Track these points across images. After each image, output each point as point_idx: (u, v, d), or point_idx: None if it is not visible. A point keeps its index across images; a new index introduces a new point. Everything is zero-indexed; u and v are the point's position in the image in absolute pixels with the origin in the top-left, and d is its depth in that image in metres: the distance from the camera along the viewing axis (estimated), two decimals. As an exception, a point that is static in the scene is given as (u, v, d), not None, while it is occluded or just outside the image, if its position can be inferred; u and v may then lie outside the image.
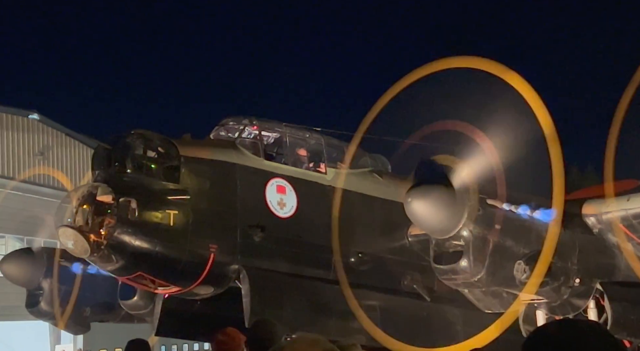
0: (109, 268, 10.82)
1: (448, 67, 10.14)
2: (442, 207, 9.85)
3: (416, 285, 12.54)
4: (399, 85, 10.65)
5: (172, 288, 11.34)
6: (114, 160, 10.72)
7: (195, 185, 10.94)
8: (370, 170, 13.10)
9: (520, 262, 9.95)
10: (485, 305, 10.99)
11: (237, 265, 11.21)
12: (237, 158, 11.49)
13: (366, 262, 12.24)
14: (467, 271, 10.05)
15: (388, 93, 10.80)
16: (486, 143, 9.90)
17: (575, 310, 10.50)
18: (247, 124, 12.10)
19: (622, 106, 9.42)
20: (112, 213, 10.31)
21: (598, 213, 10.56)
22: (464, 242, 10.01)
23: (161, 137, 11.12)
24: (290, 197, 11.77)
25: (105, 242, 10.28)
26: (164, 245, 10.59)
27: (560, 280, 10.10)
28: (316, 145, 12.67)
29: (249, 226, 11.24)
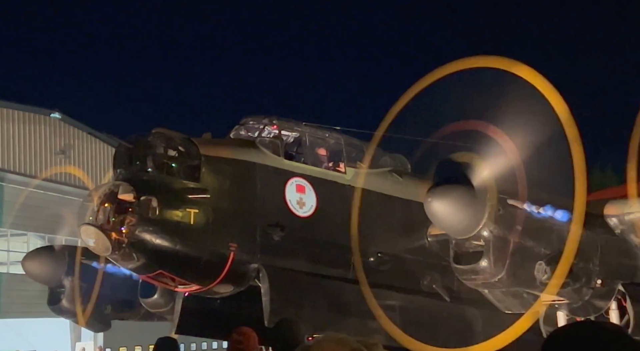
0: (129, 266, 10.89)
1: (469, 67, 10.10)
2: (463, 207, 9.81)
3: (436, 285, 12.50)
4: (419, 85, 10.61)
5: (192, 287, 11.38)
6: (135, 158, 10.78)
7: (216, 184, 10.97)
8: (389, 169, 13.07)
9: (541, 263, 9.89)
10: (505, 305, 10.93)
11: (257, 263, 11.23)
12: (257, 157, 11.52)
13: (385, 261, 12.22)
14: (487, 272, 10.00)
15: (408, 92, 10.77)
16: (507, 142, 9.84)
17: (597, 311, 10.41)
18: (267, 123, 12.12)
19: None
20: (133, 212, 10.37)
21: (620, 213, 10.47)
22: (484, 242, 9.96)
23: (182, 136, 11.16)
24: (310, 197, 11.78)
25: (126, 240, 10.34)
26: (184, 243, 10.64)
27: (582, 281, 10.02)
28: (336, 144, 12.67)
29: (268, 225, 11.26)
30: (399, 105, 10.80)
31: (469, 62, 10.03)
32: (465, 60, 10.05)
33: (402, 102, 10.77)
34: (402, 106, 10.80)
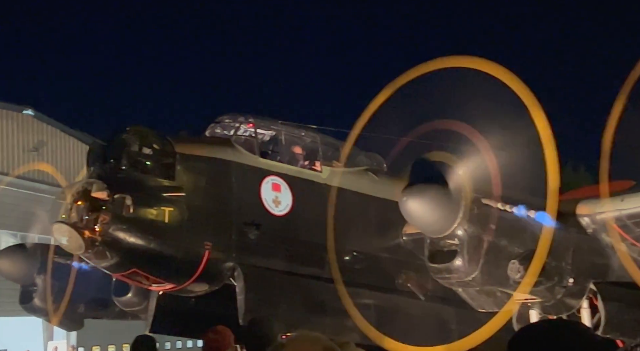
0: (103, 264, 10.80)
1: (444, 67, 10.16)
2: (437, 206, 9.87)
3: (410, 283, 12.57)
4: (395, 84, 10.66)
5: (167, 285, 11.34)
6: (109, 156, 10.70)
7: (191, 183, 10.94)
8: (365, 168, 13.10)
9: (515, 262, 9.97)
10: (479, 304, 11.01)
11: (232, 262, 11.21)
12: (233, 155, 11.49)
13: (361, 260, 12.26)
14: (461, 271, 10.07)
15: (384, 91, 10.81)
16: (482, 142, 9.92)
17: (569, 309, 10.53)
18: (243, 122, 12.10)
19: (617, 106, 9.45)
20: (107, 210, 10.29)
21: (592, 213, 10.58)
22: (459, 241, 10.03)
23: (157, 134, 11.11)
24: (286, 195, 11.77)
25: (99, 238, 10.27)
26: (158, 241, 10.60)
27: (554, 279, 10.13)
28: (312, 143, 12.68)
29: (244, 223, 11.25)
30: (375, 104, 10.83)
31: (444, 61, 10.09)
32: (441, 60, 10.10)
33: (378, 101, 10.80)
34: (378, 105, 10.84)
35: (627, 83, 9.42)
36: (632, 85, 9.37)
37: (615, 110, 9.50)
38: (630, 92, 9.41)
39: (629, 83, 9.39)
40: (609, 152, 9.67)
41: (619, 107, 9.48)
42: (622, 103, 9.45)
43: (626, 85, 9.43)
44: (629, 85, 9.40)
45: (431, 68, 10.20)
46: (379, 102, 10.82)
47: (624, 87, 9.44)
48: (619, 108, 9.48)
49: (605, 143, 9.64)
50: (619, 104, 9.46)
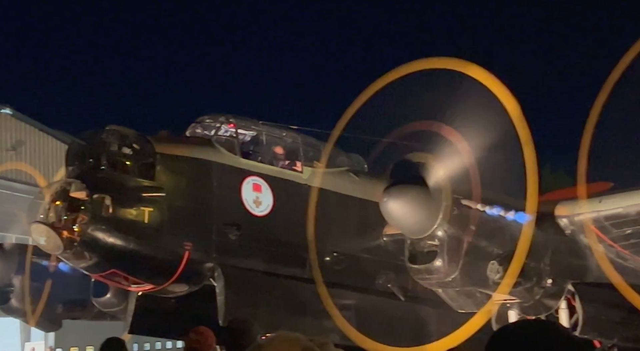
0: (81, 265, 10.73)
1: (424, 68, 10.21)
2: (418, 207, 9.91)
3: (391, 284, 12.59)
4: (376, 85, 10.69)
5: (146, 286, 11.28)
6: (88, 156, 10.63)
7: (171, 183, 10.89)
8: (346, 169, 13.11)
9: (494, 262, 10.04)
10: (458, 304, 11.07)
11: (212, 263, 11.18)
12: (213, 155, 11.45)
13: (341, 261, 12.26)
14: (441, 271, 10.12)
15: (365, 93, 10.84)
16: (462, 144, 9.98)
17: (547, 310, 10.62)
18: (224, 122, 12.06)
19: (595, 108, 9.55)
20: (85, 210, 10.22)
21: (570, 214, 10.68)
22: (439, 242, 10.08)
23: (137, 134, 11.04)
24: (266, 196, 11.75)
25: (78, 238, 10.19)
26: (138, 242, 10.54)
27: (533, 280, 10.21)
28: (293, 143, 12.67)
29: (224, 224, 11.21)
30: (355, 105, 10.86)
31: (424, 63, 10.14)
32: (421, 61, 10.15)
33: (358, 102, 10.83)
34: (359, 106, 10.86)
35: (606, 86, 9.52)
36: (610, 88, 9.47)
37: (593, 112, 9.60)
38: (609, 94, 9.51)
39: (607, 86, 9.49)
40: (587, 154, 9.76)
41: (597, 110, 9.58)
42: (600, 105, 9.55)
43: (604, 87, 9.53)
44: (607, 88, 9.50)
45: (411, 69, 10.25)
46: (360, 103, 10.85)
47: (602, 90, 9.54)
48: (597, 110, 9.58)
49: (584, 145, 9.73)
50: (597, 107, 9.56)
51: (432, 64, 10.18)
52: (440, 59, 10.13)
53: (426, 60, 10.25)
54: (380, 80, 10.66)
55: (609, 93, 9.50)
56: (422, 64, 10.23)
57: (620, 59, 9.46)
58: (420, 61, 10.28)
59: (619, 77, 9.42)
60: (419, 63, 10.27)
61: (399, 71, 10.42)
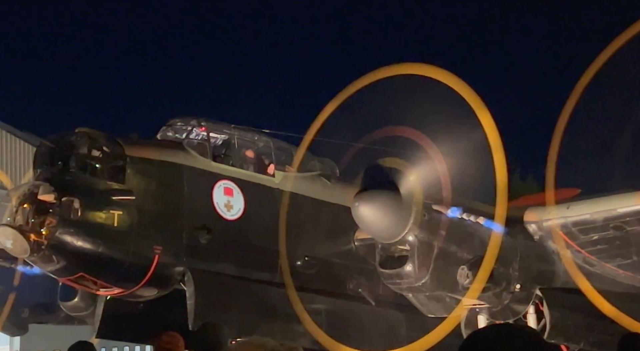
0: (49, 268, 10.60)
1: (396, 74, 10.28)
2: (389, 211, 9.96)
3: (362, 289, 12.61)
4: (348, 90, 10.73)
5: (115, 290, 11.17)
6: (57, 158, 10.52)
7: (141, 186, 10.82)
8: (318, 173, 13.12)
9: (464, 267, 10.12)
10: (428, 309, 11.13)
11: (182, 267, 11.12)
12: (184, 159, 11.40)
13: (312, 265, 12.26)
14: (411, 276, 10.18)
15: (337, 97, 10.88)
16: (433, 149, 10.05)
17: (515, 315, 10.73)
18: (195, 125, 12.02)
19: (564, 115, 9.69)
20: (53, 213, 10.12)
21: (539, 220, 10.80)
22: (410, 247, 10.13)
23: (107, 136, 10.96)
24: (238, 200, 11.72)
25: (46, 242, 10.08)
26: (107, 245, 10.45)
27: (502, 285, 10.31)
28: (265, 147, 12.65)
29: (195, 228, 11.16)
30: (328, 109, 10.89)
31: (396, 69, 10.20)
32: (393, 67, 10.22)
33: (331, 106, 10.86)
34: (331, 111, 10.90)
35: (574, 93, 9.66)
36: (578, 95, 9.61)
37: (561, 119, 9.73)
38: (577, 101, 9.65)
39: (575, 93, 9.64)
40: (556, 160, 9.90)
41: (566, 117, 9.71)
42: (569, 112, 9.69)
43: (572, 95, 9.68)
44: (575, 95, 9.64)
45: (383, 75, 10.31)
46: (332, 108, 10.88)
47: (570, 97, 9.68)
48: (565, 117, 9.72)
49: (552, 152, 9.86)
50: (566, 113, 9.70)
51: (404, 70, 10.25)
52: (413, 65, 10.20)
53: (399, 66, 10.33)
54: (353, 86, 10.71)
55: (577, 100, 9.65)
56: (394, 69, 10.30)
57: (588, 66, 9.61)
58: (393, 67, 10.35)
59: (586, 84, 9.57)
60: (392, 69, 10.34)
61: (372, 76, 10.48)
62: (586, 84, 9.59)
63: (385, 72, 10.31)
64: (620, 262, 10.54)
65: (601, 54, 9.52)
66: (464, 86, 9.69)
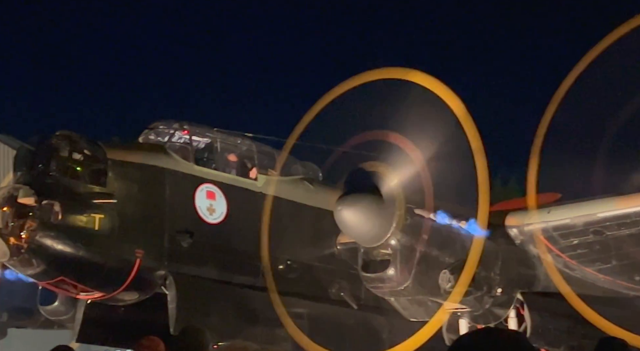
0: (29, 272, 10.53)
1: (379, 78, 10.31)
2: (371, 215, 9.97)
3: (344, 293, 12.61)
4: (331, 95, 10.76)
5: (95, 294, 11.10)
6: (37, 161, 10.46)
7: (123, 189, 10.77)
8: (301, 177, 13.12)
9: (446, 271, 10.16)
10: (410, 313, 11.16)
11: (164, 270, 11.08)
12: (167, 162, 11.36)
13: (295, 269, 12.25)
14: (394, 280, 10.19)
15: (320, 101, 10.89)
16: (415, 153, 10.09)
17: (497, 319, 10.77)
18: (178, 128, 11.99)
19: (544, 120, 9.77)
20: (33, 216, 10.05)
21: (520, 224, 10.87)
22: (392, 251, 10.15)
23: (88, 139, 10.91)
24: (220, 203, 11.69)
25: (25, 245, 10.01)
26: (87, 249, 10.40)
27: (483, 289, 10.36)
28: (247, 151, 12.63)
29: (177, 231, 11.12)
30: (310, 113, 10.90)
31: (378, 73, 10.24)
32: (375, 72, 10.26)
33: (313, 110, 10.88)
34: (314, 115, 10.91)
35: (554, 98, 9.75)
36: (559, 100, 9.70)
37: (542, 124, 9.82)
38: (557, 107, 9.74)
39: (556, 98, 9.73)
40: (537, 165, 9.97)
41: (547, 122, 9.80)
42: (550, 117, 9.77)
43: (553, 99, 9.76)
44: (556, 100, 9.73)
45: (366, 79, 10.34)
46: (315, 112, 10.90)
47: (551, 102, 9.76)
48: (546, 122, 9.80)
49: (533, 157, 9.94)
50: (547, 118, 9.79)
51: (386, 75, 10.28)
52: (395, 70, 10.24)
53: (381, 70, 10.36)
54: (335, 90, 10.74)
55: (557, 106, 9.73)
56: (376, 74, 10.34)
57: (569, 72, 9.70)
58: (375, 71, 10.38)
59: (567, 89, 9.67)
60: (374, 73, 10.37)
61: (354, 81, 10.51)
62: (567, 89, 9.68)
63: (368, 77, 10.35)
64: (600, 266, 10.63)
65: (581, 59, 9.63)
66: (446, 90, 9.75)
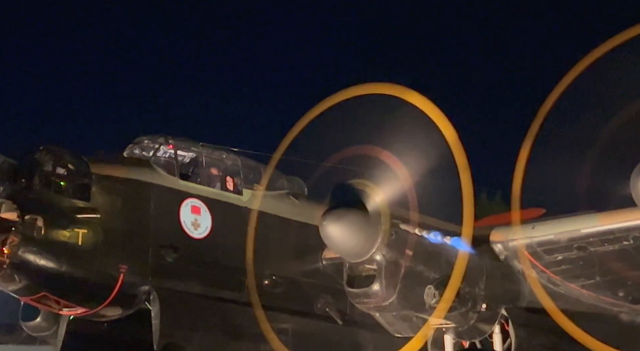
0: (11, 288, 10.46)
1: (365, 93, 10.34)
2: (356, 230, 9.96)
3: (329, 308, 12.59)
4: (317, 109, 10.78)
5: (78, 310, 11.04)
6: (20, 176, 10.43)
7: (107, 204, 10.73)
8: (286, 192, 13.13)
9: (431, 287, 10.15)
10: (395, 329, 11.13)
11: (148, 286, 11.03)
12: (151, 177, 11.33)
13: (280, 284, 12.23)
14: (379, 295, 10.17)
15: (305, 116, 10.91)
16: (400, 168, 10.11)
17: (481, 334, 10.76)
18: (163, 143, 11.99)
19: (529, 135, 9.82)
20: (16, 231, 10.01)
21: (505, 240, 10.89)
22: (377, 266, 10.14)
23: (72, 154, 10.88)
24: (205, 218, 11.66)
25: (7, 260, 9.96)
26: (70, 264, 10.34)
27: (468, 305, 10.35)
28: (233, 165, 12.63)
29: (161, 246, 11.09)
30: (296, 128, 10.91)
31: (364, 88, 10.28)
32: (361, 87, 10.29)
33: (299, 125, 10.89)
34: (300, 130, 10.92)
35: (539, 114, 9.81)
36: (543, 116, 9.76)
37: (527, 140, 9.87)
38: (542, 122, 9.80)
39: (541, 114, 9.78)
40: (521, 180, 10.01)
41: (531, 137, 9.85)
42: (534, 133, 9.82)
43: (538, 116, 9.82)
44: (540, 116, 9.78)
45: (352, 94, 10.37)
46: (301, 127, 10.91)
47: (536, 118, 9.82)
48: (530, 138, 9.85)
49: (518, 172, 9.97)
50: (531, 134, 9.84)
51: (371, 90, 10.32)
52: (380, 85, 10.28)
53: (366, 85, 10.39)
54: (321, 105, 10.75)
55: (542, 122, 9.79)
56: (361, 89, 10.37)
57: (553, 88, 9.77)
58: (360, 87, 10.41)
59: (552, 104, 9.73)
60: (359, 88, 10.40)
61: (339, 96, 10.53)
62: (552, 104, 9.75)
63: (353, 92, 10.38)
64: (584, 282, 10.66)
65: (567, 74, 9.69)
66: (431, 106, 9.79)
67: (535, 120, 9.72)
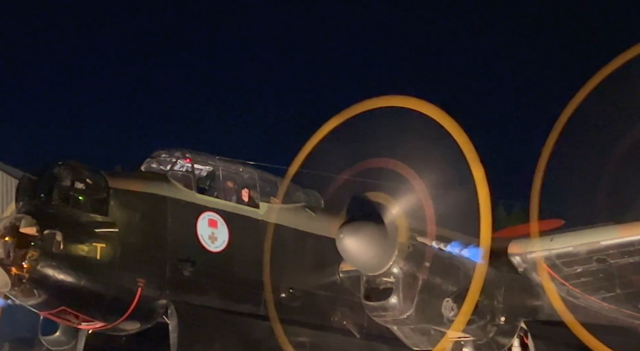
0: (30, 302, 10.52)
1: (381, 106, 10.34)
2: (373, 243, 9.94)
3: (346, 321, 12.56)
4: (333, 122, 10.79)
5: (97, 324, 11.08)
6: (39, 191, 10.51)
7: (125, 218, 10.78)
8: (303, 205, 13.14)
9: (449, 300, 10.09)
10: (413, 342, 11.06)
11: (166, 299, 11.06)
12: (169, 191, 11.39)
13: (297, 297, 12.21)
14: (396, 308, 10.13)
15: (322, 129, 10.92)
16: (417, 181, 10.09)
17: (500, 348, 10.67)
18: (180, 157, 12.04)
19: (547, 146, 9.77)
20: (35, 246, 10.07)
21: (523, 252, 10.81)
22: (394, 279, 10.10)
23: (90, 168, 10.96)
24: (222, 231, 11.69)
25: (27, 275, 10.02)
26: (89, 279, 10.39)
27: (487, 318, 10.27)
28: (249, 179, 12.67)
29: (178, 260, 11.12)
30: (312, 141, 10.93)
31: (380, 101, 10.28)
32: (377, 100, 10.29)
33: (315, 138, 10.90)
34: (316, 142, 10.94)
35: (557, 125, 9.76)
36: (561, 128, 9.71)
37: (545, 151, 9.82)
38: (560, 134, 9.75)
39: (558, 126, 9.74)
40: (539, 191, 9.95)
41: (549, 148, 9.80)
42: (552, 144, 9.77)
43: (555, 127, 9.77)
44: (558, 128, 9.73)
45: (369, 107, 10.38)
46: (317, 140, 10.92)
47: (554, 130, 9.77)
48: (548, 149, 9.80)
49: (536, 183, 9.91)
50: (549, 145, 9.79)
51: (388, 102, 10.32)
52: (397, 98, 10.28)
53: (383, 98, 10.40)
54: (337, 117, 10.76)
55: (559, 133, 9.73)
56: (378, 102, 10.37)
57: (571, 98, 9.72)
58: (377, 99, 10.42)
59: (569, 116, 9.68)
60: (376, 101, 10.41)
61: (356, 108, 10.54)
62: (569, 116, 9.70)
63: (369, 104, 10.38)
64: (604, 294, 10.54)
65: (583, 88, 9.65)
66: (448, 118, 9.77)
67: (553, 131, 9.67)
